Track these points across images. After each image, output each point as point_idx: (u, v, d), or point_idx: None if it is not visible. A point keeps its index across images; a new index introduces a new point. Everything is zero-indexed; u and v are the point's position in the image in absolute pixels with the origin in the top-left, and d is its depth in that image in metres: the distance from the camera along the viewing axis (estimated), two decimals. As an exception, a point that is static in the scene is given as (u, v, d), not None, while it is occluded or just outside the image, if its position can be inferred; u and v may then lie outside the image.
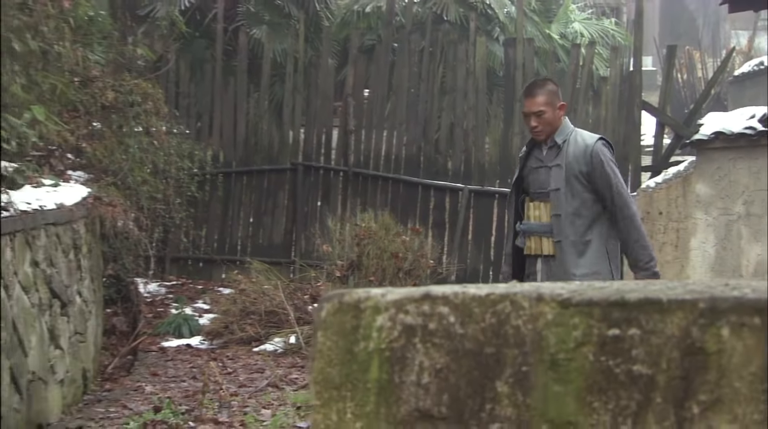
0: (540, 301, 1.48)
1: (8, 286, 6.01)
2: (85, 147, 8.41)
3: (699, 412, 1.36)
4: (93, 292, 7.93)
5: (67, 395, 6.86)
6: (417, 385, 1.55)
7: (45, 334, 6.56)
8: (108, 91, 8.69)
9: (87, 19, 8.97)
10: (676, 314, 1.39)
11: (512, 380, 1.49)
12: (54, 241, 6.91)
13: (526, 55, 11.40)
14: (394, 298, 1.58)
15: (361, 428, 1.59)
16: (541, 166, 5.32)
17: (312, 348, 1.68)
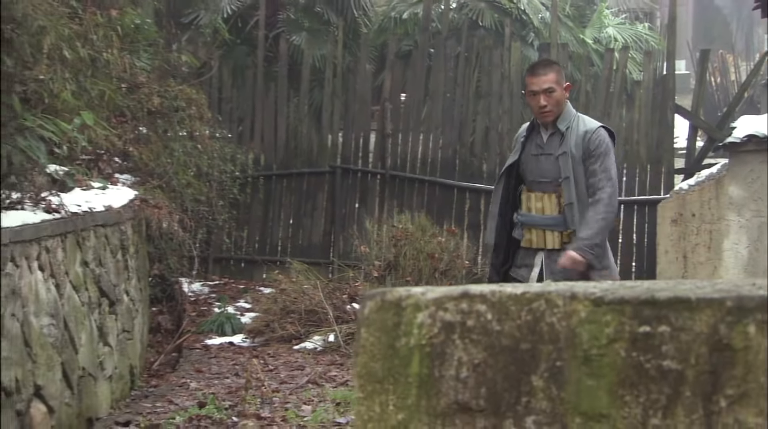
0: (573, 300, 1.52)
1: (60, 285, 6.10)
2: (131, 151, 8.49)
3: (726, 405, 1.39)
4: (139, 292, 8.00)
5: (115, 390, 6.93)
6: (456, 379, 1.60)
7: (94, 331, 6.64)
8: (154, 96, 8.77)
9: (133, 27, 9.07)
10: (705, 312, 1.43)
11: (547, 375, 1.53)
12: (103, 242, 6.99)
13: (560, 59, 11.38)
14: (434, 296, 1.63)
15: (402, 420, 1.63)
16: (542, 154, 5.02)
17: (355, 343, 1.73)
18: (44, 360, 5.73)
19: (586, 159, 4.92)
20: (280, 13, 13.08)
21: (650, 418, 1.44)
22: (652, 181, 10.78)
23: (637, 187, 10.82)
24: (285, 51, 12.31)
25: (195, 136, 9.36)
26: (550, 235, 4.96)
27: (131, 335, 7.54)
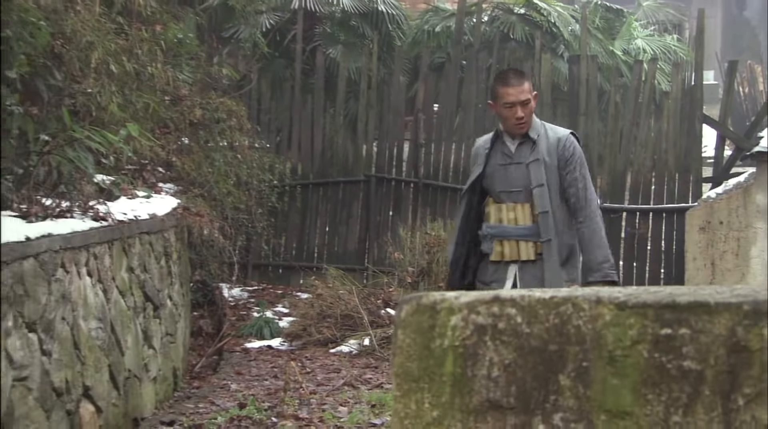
0: (599, 304, 1.57)
1: (107, 290, 6.17)
2: (174, 161, 8.57)
3: (744, 403, 1.43)
4: (182, 296, 8.07)
5: (159, 392, 6.99)
6: (487, 378, 1.64)
7: (139, 334, 6.71)
8: (196, 108, 8.85)
9: (176, 41, 9.16)
10: (723, 315, 1.47)
11: (574, 374, 1.58)
12: (147, 249, 7.06)
13: (589, 71, 11.37)
14: (467, 300, 1.68)
15: (437, 417, 1.68)
16: (511, 163, 4.70)
17: (393, 344, 1.78)
18: (92, 362, 5.80)
19: (563, 167, 4.68)
20: (317, 27, 13.14)
21: (671, 415, 1.48)
22: (680, 190, 10.73)
23: (665, 195, 10.78)
24: (321, 64, 12.38)
25: (235, 146, 9.45)
26: (524, 246, 4.63)
27: (174, 338, 7.60)
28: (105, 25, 7.69)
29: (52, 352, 5.31)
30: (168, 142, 8.47)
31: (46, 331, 5.27)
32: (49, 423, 5.23)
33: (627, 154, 11.03)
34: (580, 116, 11.16)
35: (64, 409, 5.42)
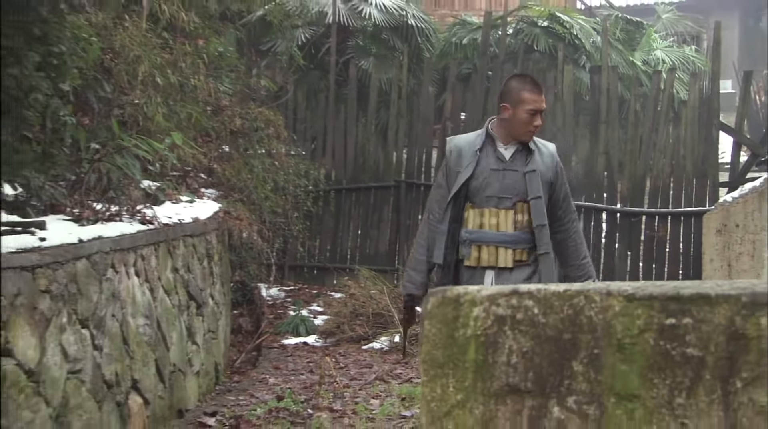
0: (609, 296, 1.62)
1: (153, 289, 6.22)
2: (216, 168, 8.63)
3: (742, 386, 1.47)
4: (223, 296, 8.09)
5: (202, 385, 7.02)
6: (507, 365, 1.70)
7: (183, 331, 6.75)
8: (236, 118, 8.91)
9: (217, 55, 9.25)
10: (723, 306, 1.52)
11: (586, 360, 1.63)
12: (191, 250, 7.11)
13: (610, 81, 11.35)
14: (488, 293, 1.74)
15: (461, 400, 1.74)
16: (506, 170, 4.39)
17: (420, 334, 1.85)
18: (140, 356, 5.85)
19: (555, 183, 4.47)
20: (350, 41, 13.19)
21: (675, 397, 1.53)
22: (698, 194, 10.69)
23: (683, 199, 10.74)
24: (354, 75, 12.44)
25: (272, 153, 9.49)
26: (502, 253, 4.34)
27: (216, 335, 7.63)
28: (151, 40, 7.79)
29: (103, 347, 5.37)
30: (210, 149, 8.54)
31: (97, 327, 5.32)
32: (101, 414, 5.29)
33: (646, 160, 11.00)
34: (601, 124, 11.15)
35: (115, 401, 5.48)
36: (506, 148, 4.42)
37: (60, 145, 6.48)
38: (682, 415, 1.52)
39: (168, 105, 7.73)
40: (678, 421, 1.52)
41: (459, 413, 1.72)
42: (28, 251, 4.78)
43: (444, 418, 1.73)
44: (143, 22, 7.97)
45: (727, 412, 1.47)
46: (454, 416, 1.73)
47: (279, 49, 12.22)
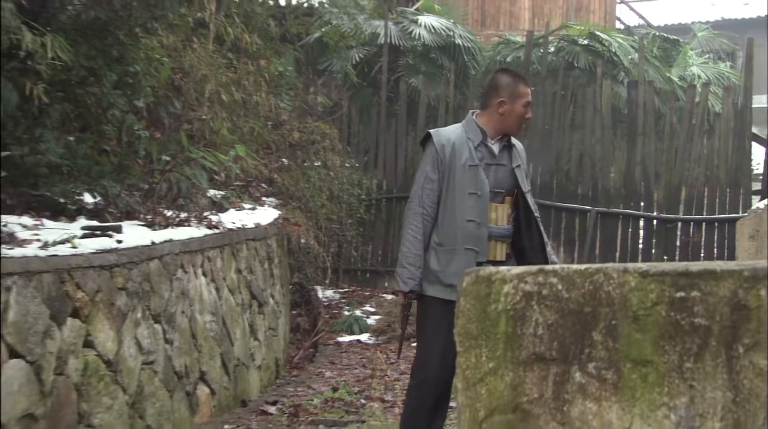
0: (626, 273, 1.70)
1: (219, 288, 6.34)
2: (276, 178, 8.75)
3: (743, 351, 1.54)
4: (282, 296, 8.16)
5: (263, 378, 7.11)
6: (534, 336, 1.78)
7: (246, 328, 6.85)
8: (294, 132, 9.03)
9: (278, 74, 9.39)
10: (727, 280, 1.58)
11: (604, 331, 1.70)
12: (253, 253, 7.20)
13: (647, 95, 11.32)
14: (517, 272, 1.82)
15: (492, 368, 1.83)
16: (497, 164, 4.16)
17: (457, 310, 1.94)
18: (207, 350, 5.98)
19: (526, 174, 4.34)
20: (401, 59, 13.29)
21: (684, 362, 1.60)
22: (731, 202, 10.60)
23: (717, 206, 10.66)
24: (404, 92, 12.53)
25: (328, 164, 9.57)
26: (499, 246, 4.13)
27: (276, 332, 7.71)
28: (217, 61, 7.95)
29: (174, 341, 5.50)
30: (270, 161, 8.67)
31: (168, 323, 5.46)
32: (172, 402, 5.42)
33: (682, 170, 10.93)
34: (638, 136, 11.12)
35: (184, 390, 5.61)
36: (494, 143, 4.19)
37: (134, 157, 6.66)
38: (691, 378, 1.58)
39: (232, 120, 7.87)
40: (687, 384, 1.59)
41: (491, 379, 1.81)
42: (106, 252, 4.94)
43: (477, 384, 1.82)
44: (210, 44, 8.14)
45: (731, 374, 1.53)
46: (486, 382, 1.81)
47: (334, 68, 12.35)
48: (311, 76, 11.76)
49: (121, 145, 6.58)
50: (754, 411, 1.49)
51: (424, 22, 13.36)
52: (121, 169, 6.29)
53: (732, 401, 1.52)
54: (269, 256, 7.70)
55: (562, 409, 1.71)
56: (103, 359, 4.74)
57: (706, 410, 1.55)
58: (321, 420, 5.62)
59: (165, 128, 7.43)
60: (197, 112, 7.55)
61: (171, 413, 5.41)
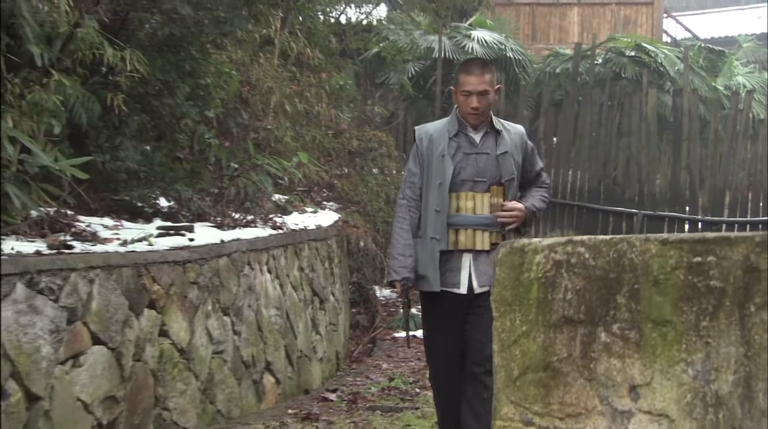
0: (647, 241, 1.76)
1: (283, 284, 6.45)
2: (336, 183, 8.89)
3: (755, 310, 1.58)
4: (342, 294, 8.23)
5: (324, 370, 7.20)
6: (563, 301, 1.85)
7: (308, 322, 6.94)
8: (353, 140, 9.16)
9: (338, 87, 9.55)
10: (741, 246, 1.63)
11: (628, 294, 1.76)
12: (314, 253, 7.30)
13: (691, 102, 11.21)
14: (548, 243, 1.89)
15: (525, 330, 1.90)
16: (478, 153, 3.94)
17: (493, 279, 2.01)
18: (272, 342, 6.09)
19: (525, 162, 4.08)
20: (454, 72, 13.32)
21: (701, 321, 1.65)
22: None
23: (761, 209, 10.50)
24: (456, 103, 12.60)
25: (385, 171, 9.68)
26: (480, 236, 3.89)
27: (336, 328, 7.79)
28: (282, 74, 8.13)
29: (241, 333, 5.62)
30: (330, 167, 8.81)
31: (236, 315, 5.59)
32: (240, 389, 5.54)
33: (726, 174, 10.80)
34: (683, 142, 11.02)
35: (251, 379, 5.73)
36: (476, 132, 3.98)
37: (205, 163, 6.85)
38: (707, 335, 1.64)
39: (295, 129, 8.03)
40: (703, 341, 1.64)
41: (524, 341, 1.88)
42: (179, 249, 5.09)
43: (512, 346, 1.89)
44: (275, 59, 8.33)
45: (743, 331, 1.58)
46: (520, 344, 1.89)
47: (391, 81, 12.46)
48: (369, 88, 11.88)
49: (193, 153, 6.77)
50: (764, 363, 1.54)
51: (477, 36, 13.41)
52: (193, 175, 6.46)
53: (744, 355, 1.57)
54: (329, 256, 7.78)
55: (588, 366, 1.78)
56: (176, 347, 4.88)
57: (720, 364, 1.60)
58: (378, 406, 5.70)
59: (233, 137, 7.62)
60: (263, 122, 7.72)
61: (239, 400, 5.53)
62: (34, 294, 3.80)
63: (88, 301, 4.14)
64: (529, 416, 1.83)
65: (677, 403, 1.64)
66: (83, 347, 4.11)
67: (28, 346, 3.74)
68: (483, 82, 3.89)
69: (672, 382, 1.65)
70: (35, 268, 3.83)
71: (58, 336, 3.91)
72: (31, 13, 4.62)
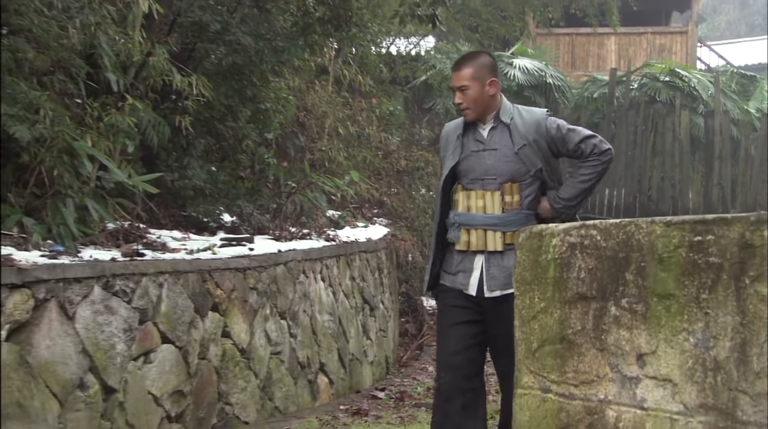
0: (653, 223, 1.82)
1: (335, 292, 6.52)
2: (385, 200, 8.97)
3: (749, 282, 1.63)
4: (392, 303, 8.23)
5: (375, 372, 7.22)
6: (577, 279, 1.90)
7: (359, 328, 6.98)
8: (401, 160, 9.24)
9: (388, 112, 9.67)
10: (737, 225, 1.68)
11: (635, 272, 1.81)
12: (365, 264, 7.36)
13: (723, 123, 11.09)
14: (563, 227, 1.96)
15: (543, 307, 1.96)
16: (484, 150, 3.49)
17: (515, 261, 2.08)
18: (326, 345, 6.15)
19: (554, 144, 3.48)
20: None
21: (701, 294, 1.70)
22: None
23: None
24: (500, 125, 12.61)
25: (431, 188, 9.73)
26: (491, 236, 3.43)
27: (386, 334, 7.80)
28: (335, 100, 8.27)
29: (297, 336, 5.71)
30: (380, 185, 8.89)
31: (292, 319, 5.67)
32: (296, 387, 5.62)
33: (756, 191, 10.65)
34: (714, 160, 10.90)
35: (306, 379, 5.81)
36: (483, 127, 3.53)
37: (265, 182, 6.98)
38: (706, 306, 1.68)
39: (348, 150, 8.15)
40: (703, 312, 1.69)
41: (542, 317, 1.94)
42: (240, 257, 5.20)
43: (531, 321, 1.95)
44: (329, 86, 8.47)
45: (739, 301, 1.62)
46: (538, 319, 1.94)
47: (438, 107, 12.53)
48: (417, 113, 11.96)
49: (254, 172, 6.91)
50: (757, 330, 1.58)
51: (519, 64, 13.44)
52: (254, 192, 6.59)
53: (740, 324, 1.61)
54: (379, 267, 7.82)
55: (600, 337, 1.83)
56: (238, 348, 4.97)
57: (718, 332, 1.65)
58: (423, 403, 5.73)
59: (291, 158, 7.75)
60: (318, 143, 7.85)
61: (295, 397, 5.61)
62: (109, 296, 3.92)
63: (158, 303, 4.26)
64: (547, 384, 1.89)
65: (680, 369, 1.68)
66: (153, 345, 4.22)
67: (104, 343, 3.87)
68: (461, 78, 3.47)
69: (675, 350, 1.69)
70: (110, 272, 3.95)
71: (131, 334, 4.03)
72: (108, 44, 4.81)
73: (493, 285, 3.41)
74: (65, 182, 4.45)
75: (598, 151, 3.47)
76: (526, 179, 3.46)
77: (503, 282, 3.34)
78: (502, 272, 3.38)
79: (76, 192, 4.51)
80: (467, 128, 3.55)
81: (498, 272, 3.41)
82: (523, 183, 3.47)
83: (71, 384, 3.68)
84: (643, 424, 1.72)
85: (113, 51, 4.84)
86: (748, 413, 1.56)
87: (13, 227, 4.15)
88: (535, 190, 3.48)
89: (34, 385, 3.51)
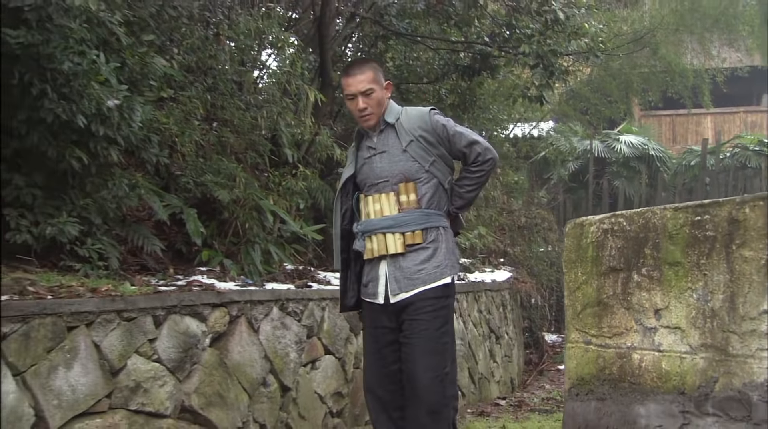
0: (665, 209, 1.92)
1: (465, 321, 6.54)
2: (509, 250, 8.99)
3: (736, 248, 1.70)
4: (515, 335, 8.07)
5: (501, 390, 7.09)
6: (609, 256, 2.02)
7: (487, 353, 6.93)
8: (522, 217, 9.23)
9: (513, 182, 9.73)
10: (726, 205, 1.77)
11: (651, 247, 1.91)
12: (490, 300, 7.32)
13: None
14: (598, 217, 2.08)
15: (584, 279, 2.07)
16: (376, 154, 2.91)
17: (564, 245, 2.19)
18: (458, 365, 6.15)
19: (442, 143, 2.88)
20: (606, 168, 13.17)
21: (701, 260, 1.78)
22: None
23: None
24: (607, 189, 12.35)
25: (547, 240, 9.64)
26: (390, 239, 2.81)
27: (510, 359, 7.66)
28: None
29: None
30: (504, 238, 8.91)
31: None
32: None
33: None
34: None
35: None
36: (374, 134, 2.95)
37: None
38: (704, 269, 1.76)
39: (477, 210, 8.25)
40: (702, 273, 1.77)
41: (584, 287, 2.05)
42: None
43: (576, 291, 2.07)
44: (460, 161, 8.66)
45: (728, 264, 1.70)
46: (581, 288, 2.06)
47: (553, 176, 12.51)
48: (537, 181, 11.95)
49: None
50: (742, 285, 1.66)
51: (625, 139, 13.23)
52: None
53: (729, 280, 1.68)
54: (503, 304, 7.75)
55: (627, 299, 1.92)
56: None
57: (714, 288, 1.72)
58: (537, 409, 5.70)
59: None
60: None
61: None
62: (284, 315, 4.17)
63: (321, 322, 4.47)
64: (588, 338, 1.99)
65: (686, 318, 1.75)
66: (318, 355, 4.42)
67: (281, 351, 4.10)
68: (364, 80, 2.88)
69: (682, 304, 1.77)
70: (285, 297, 4.21)
71: (301, 345, 4.26)
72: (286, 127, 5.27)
73: (395, 288, 2.81)
74: (254, 232, 4.73)
75: (482, 160, 2.87)
76: (421, 177, 2.85)
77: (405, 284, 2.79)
78: (403, 274, 2.80)
79: (262, 240, 4.78)
80: (360, 140, 3.01)
81: (400, 275, 2.81)
82: (418, 181, 2.85)
83: (257, 382, 3.89)
84: (660, 362, 1.80)
85: (289, 132, 5.25)
86: (737, 348, 1.62)
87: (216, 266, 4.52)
88: (433, 186, 2.87)
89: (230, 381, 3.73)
